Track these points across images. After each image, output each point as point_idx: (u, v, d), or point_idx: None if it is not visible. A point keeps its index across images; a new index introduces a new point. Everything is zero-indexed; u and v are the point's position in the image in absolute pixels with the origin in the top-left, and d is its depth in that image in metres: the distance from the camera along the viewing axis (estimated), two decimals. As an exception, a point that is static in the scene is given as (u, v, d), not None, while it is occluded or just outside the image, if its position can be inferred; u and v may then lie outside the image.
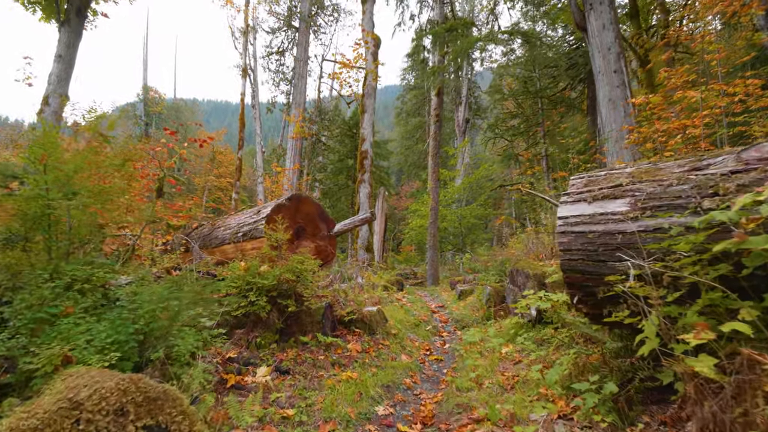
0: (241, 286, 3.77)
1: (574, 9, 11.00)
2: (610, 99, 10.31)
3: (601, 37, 10.47)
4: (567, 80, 17.16)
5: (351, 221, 8.28)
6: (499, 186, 19.77)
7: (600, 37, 10.49)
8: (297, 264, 3.78)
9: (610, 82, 10.28)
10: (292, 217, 4.61)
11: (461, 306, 7.36)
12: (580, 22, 10.87)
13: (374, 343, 4.51)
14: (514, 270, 5.02)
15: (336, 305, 4.76)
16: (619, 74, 10.27)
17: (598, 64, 10.44)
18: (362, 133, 13.38)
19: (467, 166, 21.84)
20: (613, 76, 10.26)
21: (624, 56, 10.42)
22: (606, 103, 10.41)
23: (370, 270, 10.63)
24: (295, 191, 14.01)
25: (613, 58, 10.26)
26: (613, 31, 10.42)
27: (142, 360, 2.15)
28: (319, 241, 4.81)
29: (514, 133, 18.32)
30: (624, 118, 10.15)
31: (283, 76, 24.41)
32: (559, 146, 12.43)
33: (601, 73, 10.37)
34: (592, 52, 10.47)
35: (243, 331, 3.82)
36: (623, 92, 10.30)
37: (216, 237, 5.27)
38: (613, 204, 2.06)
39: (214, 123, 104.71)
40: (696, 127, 7.22)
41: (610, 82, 10.28)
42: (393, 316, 5.89)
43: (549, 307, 3.98)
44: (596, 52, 10.48)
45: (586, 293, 2.16)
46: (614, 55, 10.31)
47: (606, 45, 10.36)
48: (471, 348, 4.49)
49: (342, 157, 24.55)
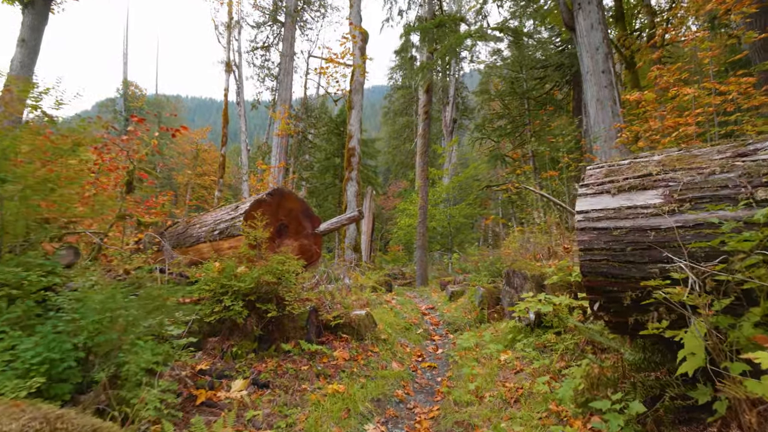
0: (215, 290, 3.41)
1: (563, 8, 10.92)
2: (598, 99, 10.24)
3: (589, 37, 10.41)
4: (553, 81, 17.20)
5: (338, 220, 7.95)
6: (486, 186, 19.65)
7: (588, 37, 10.43)
8: (278, 265, 3.43)
9: (598, 83, 10.21)
10: (274, 213, 4.25)
11: (452, 308, 7.08)
12: (568, 22, 10.79)
13: (363, 349, 4.18)
14: (511, 271, 4.75)
15: (321, 309, 4.41)
16: (607, 74, 10.22)
17: (586, 64, 10.37)
18: (349, 129, 13.03)
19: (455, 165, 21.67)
20: (601, 76, 10.20)
21: (612, 57, 10.35)
22: (594, 103, 10.34)
23: (357, 270, 10.29)
24: (280, 189, 13.58)
25: (601, 59, 10.19)
26: (602, 31, 10.37)
27: (84, 382, 1.78)
28: (303, 239, 4.46)
29: (500, 133, 18.24)
30: (612, 118, 10.09)
31: (268, 71, 23.87)
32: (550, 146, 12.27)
33: (589, 73, 10.30)
34: (580, 52, 10.39)
35: (217, 339, 3.45)
36: (611, 92, 10.24)
37: (191, 235, 4.88)
38: (642, 196, 1.78)
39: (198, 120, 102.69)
40: (689, 125, 7.08)
41: (598, 83, 10.21)
42: (382, 320, 5.58)
43: (550, 311, 3.71)
44: (584, 52, 10.43)
45: (609, 299, 1.87)
46: (602, 55, 10.26)
47: (594, 45, 10.30)
48: (466, 354, 4.20)
49: (329, 155, 24.13)
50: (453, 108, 25.29)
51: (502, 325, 4.76)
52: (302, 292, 4.96)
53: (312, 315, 4.17)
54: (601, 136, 9.84)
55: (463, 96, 27.68)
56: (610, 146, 9.46)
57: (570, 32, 11.14)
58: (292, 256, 3.65)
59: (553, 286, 4.25)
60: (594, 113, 10.28)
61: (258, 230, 3.64)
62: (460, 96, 26.83)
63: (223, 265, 3.42)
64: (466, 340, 4.59)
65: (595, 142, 9.56)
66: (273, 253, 3.85)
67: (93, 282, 2.17)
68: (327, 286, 7.56)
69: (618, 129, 9.80)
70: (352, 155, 12.70)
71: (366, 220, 17.32)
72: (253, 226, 3.72)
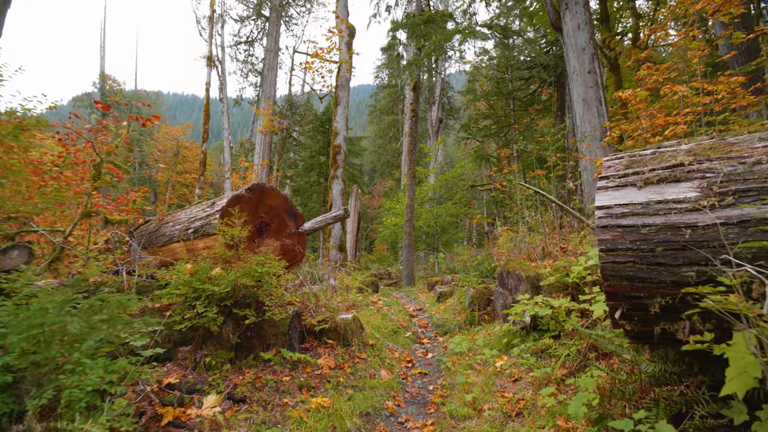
0: (186, 294, 3.09)
1: (550, 9, 10.90)
2: (584, 99, 10.23)
3: (576, 38, 10.40)
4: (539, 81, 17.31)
5: (323, 218, 7.65)
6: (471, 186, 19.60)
7: (575, 37, 10.42)
8: (257, 266, 3.13)
9: (584, 83, 10.20)
10: (254, 210, 3.94)
11: (441, 309, 6.86)
12: (555, 22, 10.79)
13: (350, 356, 3.91)
14: (504, 271, 4.54)
15: (305, 313, 4.12)
16: (593, 75, 10.21)
17: (572, 65, 10.35)
18: (335, 126, 12.71)
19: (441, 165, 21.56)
20: (587, 76, 10.18)
21: (598, 57, 10.36)
22: (580, 103, 10.33)
23: (343, 271, 10.00)
24: (263, 187, 13.15)
25: (587, 59, 10.19)
26: (588, 32, 10.37)
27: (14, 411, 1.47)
28: (286, 239, 4.15)
29: (486, 133, 18.21)
30: (598, 118, 10.08)
31: (251, 67, 23.32)
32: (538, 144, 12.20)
33: (575, 73, 10.28)
34: (566, 53, 10.37)
35: (189, 348, 3.13)
36: (597, 93, 10.23)
37: (163, 234, 4.52)
38: (674, 189, 1.56)
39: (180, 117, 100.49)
40: (678, 125, 7.02)
41: (584, 83, 10.20)
42: (369, 323, 5.32)
43: (548, 314, 3.51)
44: (571, 53, 10.42)
45: (633, 306, 1.65)
46: (588, 55, 10.26)
47: (581, 46, 10.30)
48: (459, 360, 3.96)
49: (314, 153, 23.71)
50: (439, 108, 25.20)
51: (495, 328, 4.54)
52: (286, 293, 4.66)
53: (295, 320, 3.88)
54: (587, 136, 9.81)
55: (449, 96, 27.65)
56: (596, 146, 9.43)
57: (557, 33, 11.13)
58: (272, 257, 3.35)
59: (550, 288, 4.05)
60: (580, 113, 10.27)
61: (235, 228, 3.32)
62: (445, 96, 26.79)
63: (196, 266, 3.10)
64: (458, 345, 4.36)
65: (583, 141, 9.51)
66: (252, 253, 3.54)
67: (31, 290, 1.85)
68: (311, 287, 7.26)
69: (604, 129, 9.79)
70: (337, 152, 12.38)
71: (351, 219, 17.03)
72: (230, 224, 3.40)
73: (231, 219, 3.39)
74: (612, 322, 1.76)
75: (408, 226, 12.34)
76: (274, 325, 3.61)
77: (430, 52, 11.13)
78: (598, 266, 1.67)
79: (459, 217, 18.38)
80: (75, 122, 5.65)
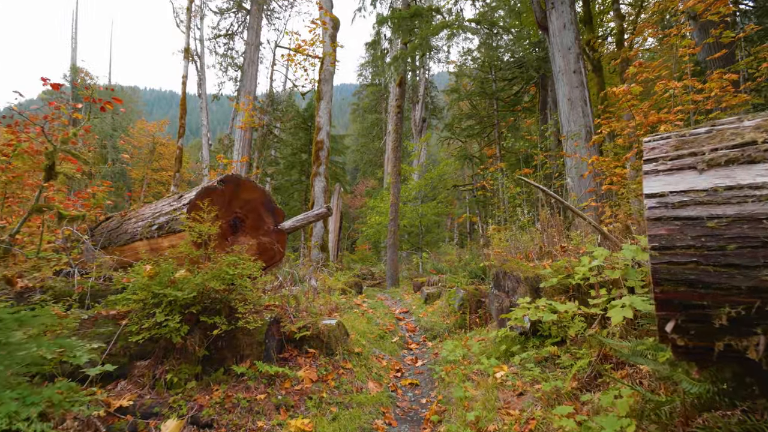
0: (146, 300, 2.66)
1: (536, 8, 10.83)
2: (569, 99, 10.17)
3: (561, 37, 10.34)
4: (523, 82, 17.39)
5: (305, 216, 7.26)
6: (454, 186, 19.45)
7: (561, 36, 10.37)
8: (228, 268, 2.72)
9: (569, 82, 10.14)
10: (227, 205, 3.52)
11: (429, 312, 6.54)
12: (541, 21, 10.74)
13: (334, 367, 3.53)
14: (501, 272, 4.24)
15: (284, 319, 3.72)
16: (578, 74, 10.16)
17: (558, 64, 10.29)
18: (318, 121, 12.27)
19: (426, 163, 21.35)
20: (572, 76, 10.13)
21: (583, 57, 10.32)
22: (566, 103, 10.27)
23: (325, 271, 9.58)
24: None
25: (573, 59, 10.13)
26: (574, 31, 10.34)
27: None
28: (263, 236, 3.74)
29: (469, 134, 18.13)
30: (582, 118, 10.03)
31: (231, 61, 22.57)
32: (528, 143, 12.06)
33: (561, 72, 10.22)
34: (552, 52, 10.32)
35: (148, 363, 2.70)
36: (582, 92, 10.19)
37: (125, 231, 4.05)
38: (749, 172, 1.25)
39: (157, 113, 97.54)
40: (670, 122, 6.88)
41: (569, 82, 10.14)
42: (354, 328, 4.94)
43: (553, 320, 3.21)
44: (556, 52, 10.37)
45: (691, 317, 1.33)
46: (574, 55, 10.23)
47: (566, 45, 10.24)
48: (453, 369, 3.63)
49: (295, 150, 23.14)
50: (422, 107, 25.03)
51: (491, 333, 4.24)
52: (262, 298, 4.25)
53: (273, 327, 3.48)
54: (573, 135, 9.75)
55: (433, 95, 27.54)
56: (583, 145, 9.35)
57: (542, 32, 11.07)
58: (247, 257, 2.95)
59: (551, 290, 3.77)
60: (566, 112, 10.21)
61: (204, 224, 2.91)
62: (429, 95, 26.67)
63: (157, 268, 2.67)
64: (450, 351, 4.03)
65: (573, 139, 9.39)
66: (224, 252, 3.13)
67: None
68: (292, 288, 6.84)
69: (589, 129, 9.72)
70: (320, 148, 11.95)
71: (334, 218, 16.60)
72: (198, 219, 2.98)
73: (199, 213, 2.96)
74: (660, 336, 1.44)
75: (392, 224, 12.00)
76: (248, 333, 3.20)
77: (416, 46, 10.82)
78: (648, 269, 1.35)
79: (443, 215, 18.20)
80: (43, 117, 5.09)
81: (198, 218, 2.97)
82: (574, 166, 9.37)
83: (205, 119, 23.13)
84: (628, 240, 4.44)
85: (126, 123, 36.93)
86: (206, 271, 2.67)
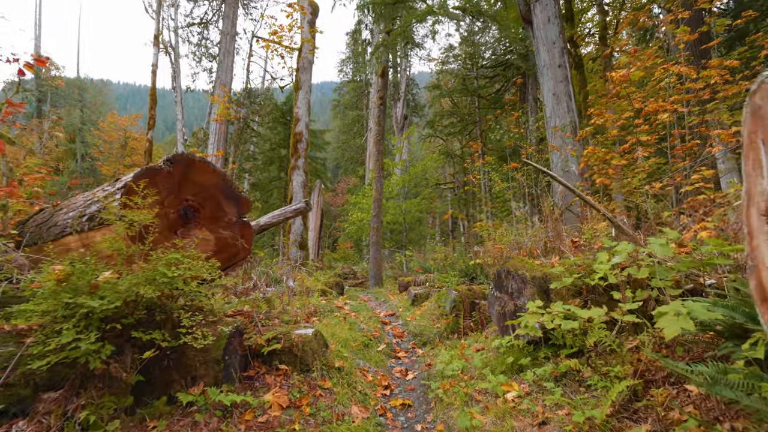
0: (56, 311, 1.99)
1: (520, 1, 10.56)
2: (554, 93, 9.92)
3: (546, 30, 10.09)
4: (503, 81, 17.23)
5: (282, 212, 6.62)
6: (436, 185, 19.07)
7: (545, 30, 10.11)
8: (165, 268, 2.07)
9: (554, 77, 9.89)
10: (175, 190, 2.85)
11: (417, 315, 5.98)
12: (525, 14, 10.53)
13: (309, 387, 2.92)
14: (503, 271, 3.70)
15: (250, 329, 3.09)
16: (563, 69, 9.92)
17: (543, 58, 10.03)
18: (296, 112, 11.55)
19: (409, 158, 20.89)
20: (557, 70, 9.88)
21: (566, 52, 10.10)
22: (551, 98, 10.02)
23: (304, 271, 8.92)
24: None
25: (557, 53, 9.88)
26: (558, 25, 10.10)
27: None
28: (223, 230, 3.09)
29: (450, 131, 17.83)
30: (567, 113, 9.81)
31: (205, 50, 21.52)
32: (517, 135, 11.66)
33: (545, 66, 9.95)
34: (536, 46, 10.07)
35: (58, 395, 2.03)
36: (566, 87, 9.96)
37: (55, 224, 3.33)
38: None
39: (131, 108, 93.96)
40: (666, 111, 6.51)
41: (554, 77, 9.89)
42: (335, 335, 4.33)
43: (575, 328, 2.68)
44: (541, 46, 10.12)
45: None
46: (558, 49, 9.98)
47: (551, 39, 9.98)
48: (452, 386, 3.07)
49: (274, 145, 22.24)
50: (404, 104, 24.58)
51: (494, 341, 3.69)
52: (224, 305, 3.61)
53: (234, 340, 2.84)
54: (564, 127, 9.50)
55: (414, 93, 27.19)
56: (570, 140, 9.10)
57: (526, 25, 10.82)
58: (195, 254, 2.30)
59: (562, 292, 3.25)
60: (551, 107, 9.96)
61: (137, 212, 2.25)
62: (410, 93, 26.29)
63: (70, 269, 2.01)
64: (447, 365, 3.47)
65: (563, 131, 9.06)
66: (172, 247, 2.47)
67: None
68: (266, 290, 6.18)
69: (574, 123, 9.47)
70: (298, 141, 11.25)
71: (314, 215, 15.90)
72: (132, 205, 2.32)
73: (132, 198, 2.30)
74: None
75: (375, 221, 11.40)
76: (203, 349, 2.55)
77: (400, 33, 10.25)
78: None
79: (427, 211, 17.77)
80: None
81: (131, 204, 2.31)
82: (561, 160, 9.11)
83: (180, 113, 22.03)
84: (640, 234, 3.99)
85: (96, 117, 35.28)
86: (135, 274, 2.02)
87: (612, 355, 2.71)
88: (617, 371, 2.33)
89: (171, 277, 2.06)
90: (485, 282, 6.39)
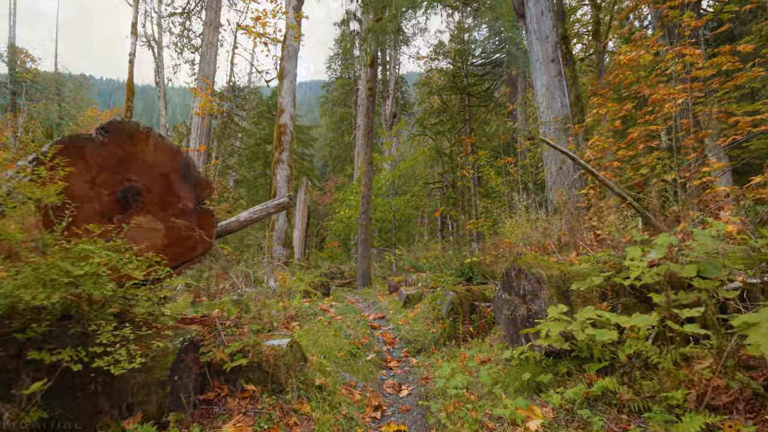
0: None
1: None
2: (547, 88, 9.57)
3: (539, 24, 9.73)
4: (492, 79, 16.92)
5: (263, 207, 6.00)
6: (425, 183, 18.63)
7: (539, 23, 9.76)
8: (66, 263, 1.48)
9: (547, 71, 9.54)
10: (115, 167, 2.26)
11: (410, 318, 5.43)
12: (518, 8, 10.23)
13: (282, 413, 2.35)
14: (513, 269, 3.18)
15: (209, 341, 2.50)
16: (556, 64, 9.57)
17: (536, 52, 9.68)
18: (280, 102, 10.92)
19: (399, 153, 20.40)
20: (551, 65, 9.52)
21: (560, 47, 9.79)
22: (543, 92, 9.68)
23: (287, 270, 8.31)
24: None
25: (551, 47, 9.53)
26: (551, 19, 9.76)
27: None
28: (176, 218, 2.50)
29: (439, 130, 17.45)
30: (560, 108, 9.50)
31: (187, 42, 20.66)
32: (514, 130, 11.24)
33: (539, 61, 9.60)
34: (529, 40, 9.74)
35: None
36: (560, 82, 9.62)
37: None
38: None
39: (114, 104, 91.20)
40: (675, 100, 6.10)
41: (547, 71, 9.54)
42: (318, 343, 3.77)
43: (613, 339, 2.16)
44: (534, 40, 9.77)
45: None
46: (552, 44, 9.64)
47: (544, 33, 9.62)
48: (456, 409, 2.53)
49: (259, 141, 21.52)
50: (393, 102, 24.11)
51: (505, 352, 3.17)
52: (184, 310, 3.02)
53: (187, 356, 2.26)
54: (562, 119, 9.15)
55: (403, 90, 26.78)
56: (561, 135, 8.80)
57: (519, 19, 10.49)
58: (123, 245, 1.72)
59: (586, 294, 2.73)
60: (544, 102, 9.63)
61: (43, 188, 1.65)
62: (399, 90, 25.87)
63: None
64: (448, 380, 2.93)
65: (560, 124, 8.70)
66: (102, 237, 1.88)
67: None
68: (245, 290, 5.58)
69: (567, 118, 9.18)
70: (283, 133, 10.61)
71: (300, 213, 15.27)
72: (38, 180, 1.72)
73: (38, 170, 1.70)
74: None
75: (364, 218, 10.83)
76: (144, 369, 1.97)
77: (392, 17, 9.71)
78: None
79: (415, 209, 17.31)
80: None
81: (36, 179, 1.71)
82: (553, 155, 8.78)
83: (163, 109, 21.19)
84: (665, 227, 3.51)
85: (75, 111, 34.06)
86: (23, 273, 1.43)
87: (652, 372, 2.21)
88: (673, 397, 1.82)
89: (76, 276, 1.48)
90: (484, 282, 5.89)
